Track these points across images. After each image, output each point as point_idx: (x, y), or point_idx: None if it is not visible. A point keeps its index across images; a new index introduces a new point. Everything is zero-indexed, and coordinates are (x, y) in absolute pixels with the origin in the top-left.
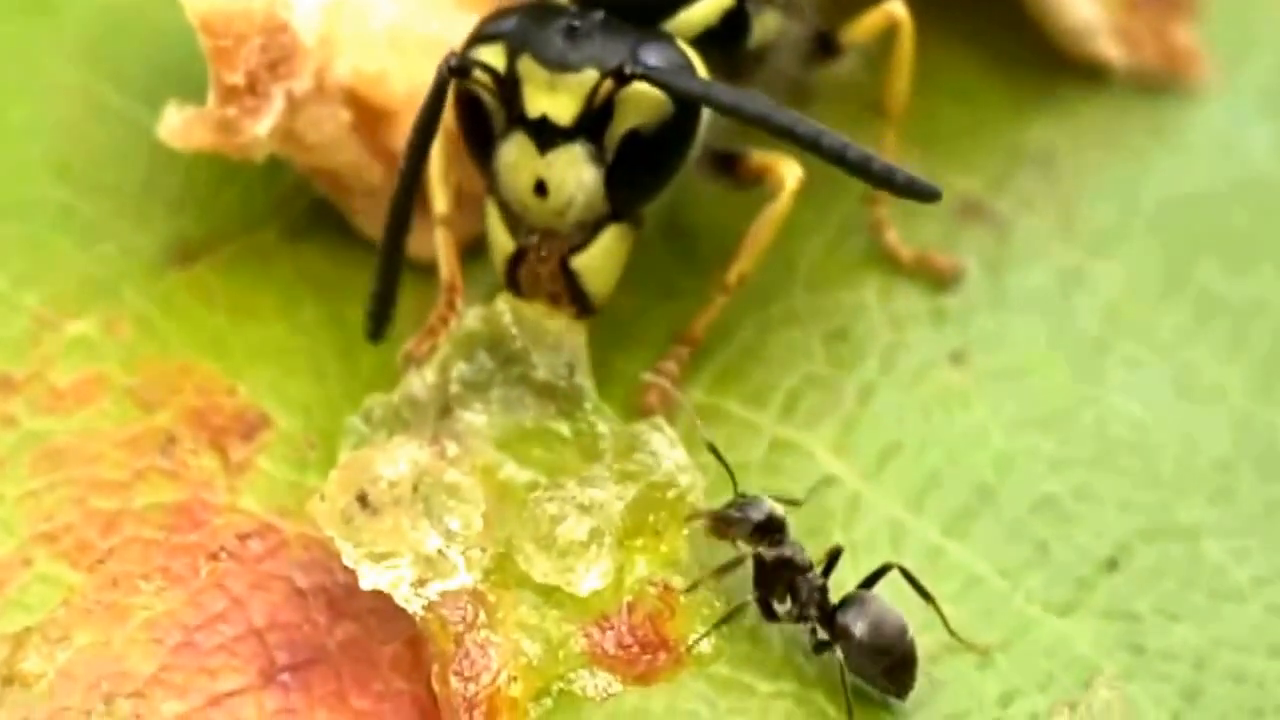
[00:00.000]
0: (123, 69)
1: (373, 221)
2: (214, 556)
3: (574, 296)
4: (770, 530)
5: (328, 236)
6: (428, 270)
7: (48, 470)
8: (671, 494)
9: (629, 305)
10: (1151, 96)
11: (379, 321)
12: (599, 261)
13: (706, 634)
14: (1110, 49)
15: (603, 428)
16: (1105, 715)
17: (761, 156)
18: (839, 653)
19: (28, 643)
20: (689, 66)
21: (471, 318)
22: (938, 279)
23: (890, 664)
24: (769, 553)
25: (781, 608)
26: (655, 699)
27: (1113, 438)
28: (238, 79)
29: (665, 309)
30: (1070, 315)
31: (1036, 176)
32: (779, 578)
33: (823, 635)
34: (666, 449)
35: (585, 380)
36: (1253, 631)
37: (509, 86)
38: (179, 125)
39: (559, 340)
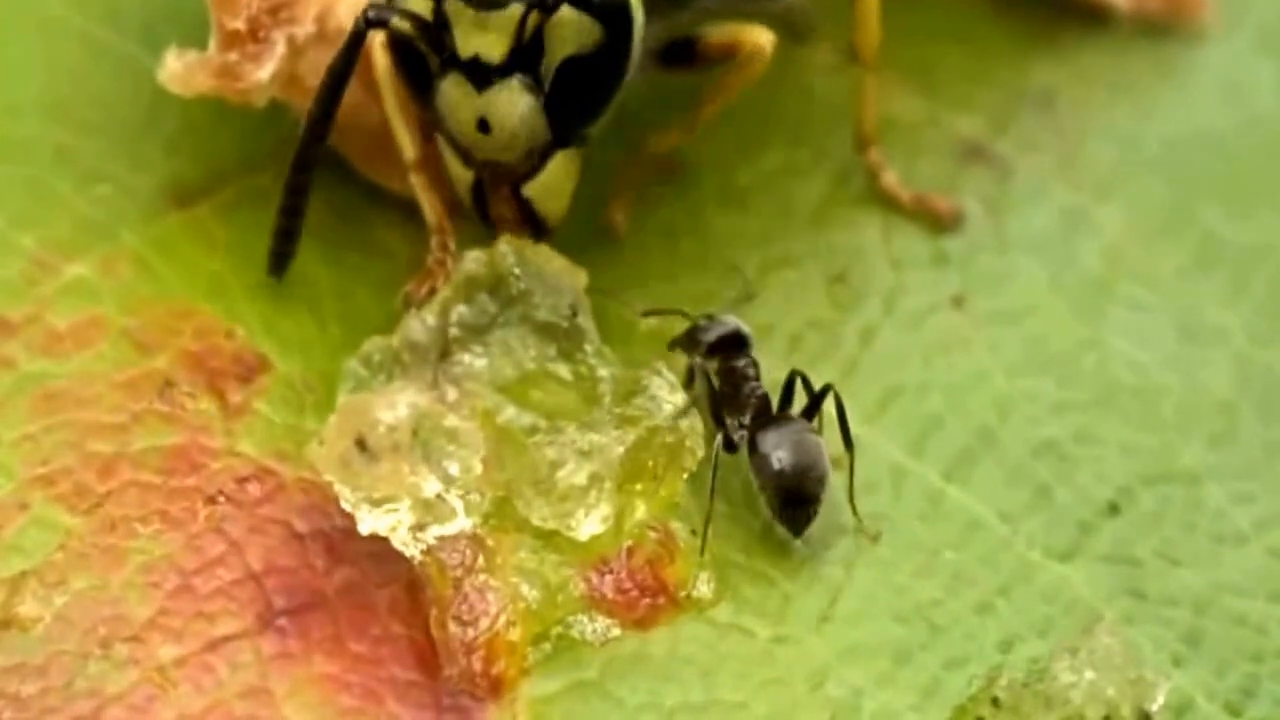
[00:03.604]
0: (120, 8)
1: (373, 164)
2: (211, 500)
3: (528, 220)
4: (731, 346)
5: (327, 179)
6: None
7: (45, 413)
8: (671, 439)
9: (629, 244)
10: (1154, 37)
11: (280, 259)
12: (550, 187)
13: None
14: None
15: (603, 372)
16: (1106, 660)
17: (721, 32)
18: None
19: (24, 587)
20: None
21: (472, 261)
22: (937, 221)
23: (788, 495)
24: (726, 364)
25: (731, 420)
26: (654, 643)
27: (1114, 381)
28: (239, 24)
29: (665, 247)
30: (1072, 257)
31: (1038, 118)
32: (727, 385)
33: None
34: (666, 393)
35: (587, 322)
36: (1254, 575)
37: (437, 29)
38: (180, 70)
39: (560, 281)
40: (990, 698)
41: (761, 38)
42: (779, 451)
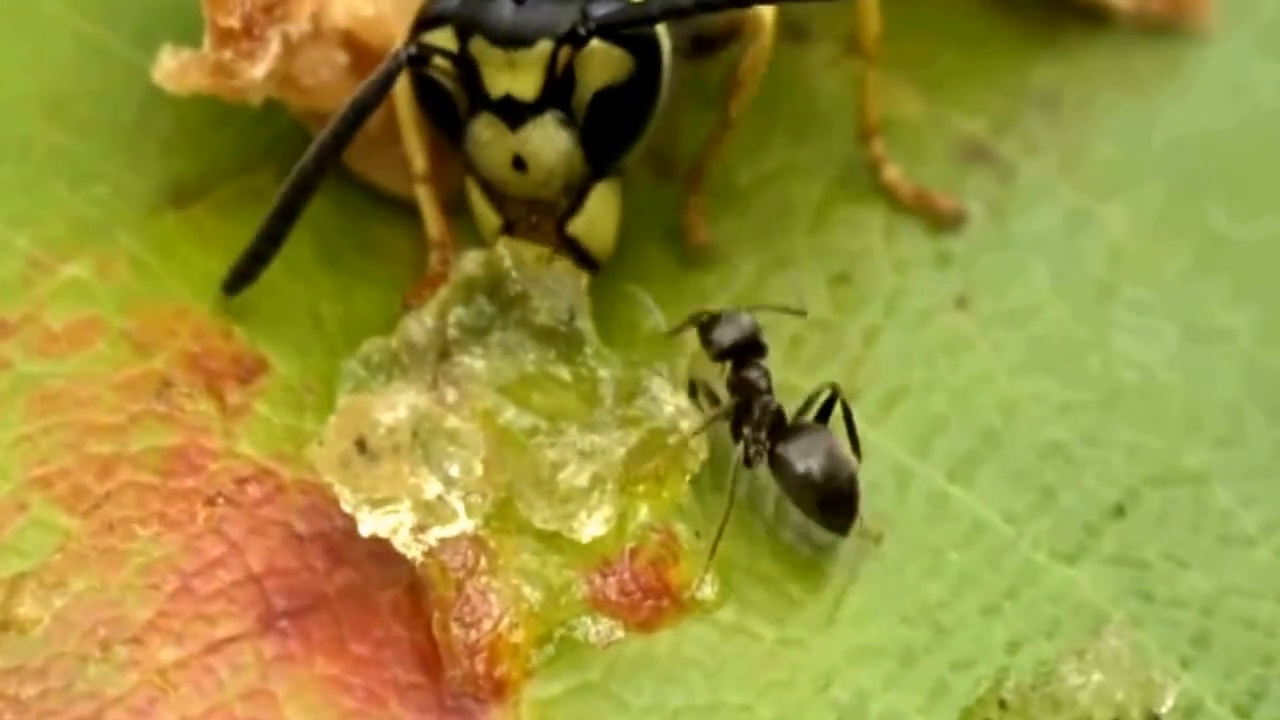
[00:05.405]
0: (115, 8)
1: (369, 164)
2: (211, 502)
3: (579, 258)
4: (748, 349)
5: (327, 179)
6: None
7: (42, 414)
8: (673, 440)
9: (629, 247)
10: (1157, 36)
11: (240, 279)
12: (594, 222)
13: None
14: None
15: (603, 373)
16: (1114, 663)
17: (723, 16)
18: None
19: (23, 588)
20: None
21: (470, 262)
22: (938, 219)
23: (826, 501)
24: (739, 373)
25: (748, 433)
26: (658, 645)
27: (1119, 382)
28: (233, 22)
29: (665, 250)
30: (1075, 258)
31: (1041, 118)
32: (739, 397)
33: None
34: (668, 395)
35: (586, 324)
36: (1261, 577)
37: (467, 69)
38: (175, 68)
39: (559, 284)
40: (997, 700)
41: (763, 10)
42: (808, 463)
